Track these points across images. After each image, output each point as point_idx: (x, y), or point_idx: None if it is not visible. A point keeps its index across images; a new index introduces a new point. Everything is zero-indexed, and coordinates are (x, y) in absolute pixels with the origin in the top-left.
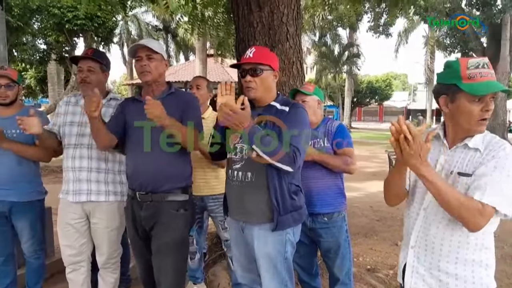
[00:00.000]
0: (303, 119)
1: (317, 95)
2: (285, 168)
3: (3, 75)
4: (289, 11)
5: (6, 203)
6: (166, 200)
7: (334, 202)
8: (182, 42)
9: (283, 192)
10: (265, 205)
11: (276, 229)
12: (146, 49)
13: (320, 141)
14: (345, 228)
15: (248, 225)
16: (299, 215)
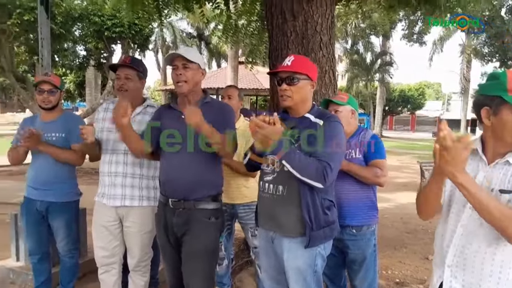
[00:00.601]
0: (338, 134)
1: (351, 105)
2: (315, 184)
3: (47, 81)
4: (323, 20)
5: (44, 203)
6: (197, 208)
7: (364, 215)
8: (214, 49)
9: (316, 207)
10: (296, 219)
11: (308, 245)
12: (182, 58)
13: (352, 152)
14: (374, 242)
15: (278, 237)
16: (331, 230)
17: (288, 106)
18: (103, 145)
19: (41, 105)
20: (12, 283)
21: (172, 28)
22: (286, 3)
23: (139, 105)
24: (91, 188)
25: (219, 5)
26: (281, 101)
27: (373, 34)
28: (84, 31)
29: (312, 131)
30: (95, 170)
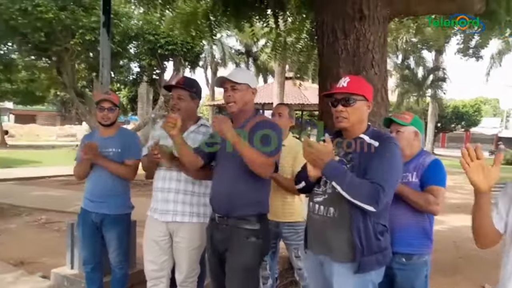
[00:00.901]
0: (394, 156)
1: (414, 126)
2: (367, 207)
3: (108, 100)
4: (375, 38)
5: (99, 215)
6: (238, 226)
7: (415, 243)
8: (262, 65)
9: (368, 232)
10: (347, 243)
11: (358, 271)
12: (230, 81)
13: (408, 176)
14: (425, 273)
15: (327, 261)
16: (384, 257)
17: (344, 128)
18: None
19: (100, 121)
20: None
21: (221, 45)
22: (337, 21)
23: (192, 124)
24: (140, 200)
25: (269, 23)
26: (337, 122)
27: (425, 49)
28: (139, 49)
29: (365, 153)
30: (144, 182)
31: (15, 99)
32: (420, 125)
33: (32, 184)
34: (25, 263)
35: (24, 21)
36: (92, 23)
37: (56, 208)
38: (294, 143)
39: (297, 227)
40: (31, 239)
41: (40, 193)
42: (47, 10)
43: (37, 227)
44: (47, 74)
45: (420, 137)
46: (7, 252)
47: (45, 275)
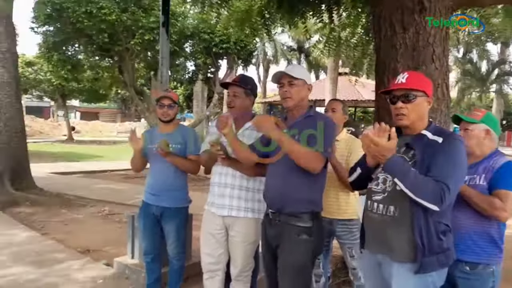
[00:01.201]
0: (458, 153)
1: (486, 124)
2: (430, 206)
3: (167, 97)
4: (436, 31)
5: (160, 208)
6: (290, 223)
7: (481, 252)
8: (314, 61)
9: (430, 231)
10: (407, 243)
11: (419, 271)
12: (288, 76)
13: (476, 178)
14: (492, 285)
15: (386, 261)
16: (446, 258)
17: (404, 126)
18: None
19: (160, 118)
20: (127, 278)
21: (274, 42)
22: (395, 14)
23: (247, 121)
24: (195, 195)
25: (322, 18)
26: (396, 120)
27: (490, 41)
28: (194, 48)
29: (428, 149)
30: (199, 177)
31: (81, 97)
32: (494, 123)
33: (95, 177)
34: (91, 251)
35: (89, 23)
36: (150, 23)
37: (117, 201)
38: (348, 139)
39: (351, 225)
40: (95, 229)
41: (102, 186)
42: (110, 12)
43: (101, 218)
44: (109, 73)
45: (494, 136)
46: (74, 240)
47: (108, 263)
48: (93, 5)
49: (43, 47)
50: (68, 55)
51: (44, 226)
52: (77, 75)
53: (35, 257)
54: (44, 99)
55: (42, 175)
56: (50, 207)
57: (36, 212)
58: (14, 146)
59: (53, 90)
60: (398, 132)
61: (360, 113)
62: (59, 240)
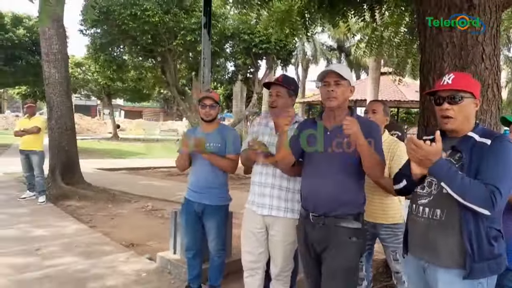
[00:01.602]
0: (509, 156)
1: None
2: (480, 210)
3: (209, 97)
4: (486, 29)
5: (201, 205)
6: (338, 225)
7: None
8: (354, 60)
9: (480, 236)
10: (455, 248)
11: (468, 277)
12: (335, 74)
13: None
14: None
15: (432, 266)
16: (497, 264)
17: (451, 128)
18: None
19: (203, 117)
20: (169, 273)
21: (313, 42)
22: (442, 12)
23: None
24: (235, 193)
25: (364, 17)
26: (442, 123)
27: None
28: (234, 49)
29: (476, 151)
30: (238, 176)
31: (125, 96)
32: None
33: (139, 174)
34: (135, 245)
35: (134, 25)
36: (192, 24)
37: (160, 197)
38: (391, 141)
39: (396, 229)
40: (139, 224)
41: (146, 182)
42: (154, 14)
43: (144, 213)
44: (152, 73)
45: None
46: (120, 234)
47: (151, 258)
48: (138, 7)
49: (91, 49)
50: (113, 56)
51: (92, 220)
52: (122, 75)
53: (84, 248)
54: (91, 98)
55: (89, 170)
56: (97, 201)
57: (84, 206)
58: (65, 142)
59: (100, 89)
60: (442, 134)
61: (403, 114)
62: (105, 233)
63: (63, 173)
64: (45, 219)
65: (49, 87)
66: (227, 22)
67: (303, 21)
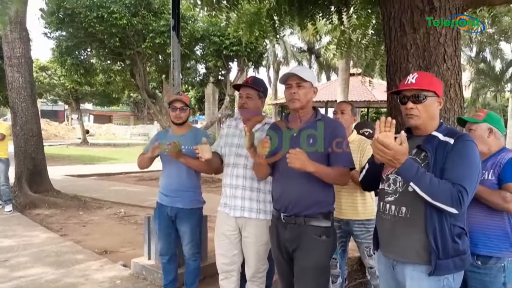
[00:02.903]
0: (472, 154)
1: (488, 123)
2: (449, 209)
3: (179, 100)
4: (447, 31)
5: (174, 208)
6: (308, 224)
7: (492, 245)
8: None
9: (444, 233)
10: (421, 245)
11: (433, 273)
12: (297, 77)
13: (484, 174)
14: (503, 280)
15: (399, 263)
16: (462, 261)
17: (414, 126)
18: (226, 159)
19: (173, 120)
20: (144, 279)
21: (284, 44)
22: (405, 15)
23: (258, 123)
24: (210, 196)
25: (332, 20)
26: (407, 120)
27: (503, 40)
28: (205, 51)
29: (441, 151)
30: (212, 179)
31: (94, 100)
32: (497, 121)
33: (110, 179)
34: (108, 252)
35: (101, 27)
36: (161, 27)
37: (133, 202)
38: (359, 140)
39: (369, 225)
40: (112, 230)
41: (118, 188)
42: (121, 16)
43: (117, 220)
44: (121, 77)
45: (498, 133)
46: (92, 241)
47: (125, 264)
48: (104, 9)
49: (56, 52)
50: (80, 59)
51: (62, 228)
52: (90, 79)
53: (55, 257)
54: (58, 103)
55: (58, 177)
56: (67, 209)
57: (54, 214)
58: (31, 149)
59: (67, 94)
60: (408, 133)
61: (373, 114)
62: (77, 241)
63: (30, 180)
64: (12, 229)
65: (13, 92)
66: (197, 24)
67: (272, 24)
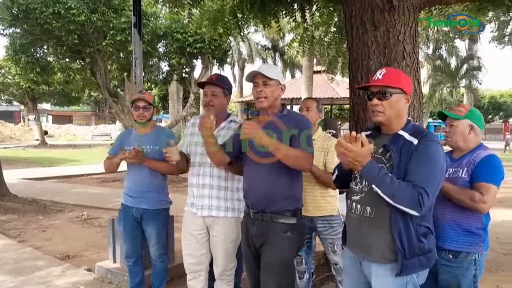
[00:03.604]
0: (435, 155)
1: (470, 119)
2: (409, 211)
3: (142, 99)
4: (406, 29)
5: (139, 210)
6: (275, 221)
7: (462, 241)
8: (289, 60)
9: (410, 233)
10: (385, 245)
11: (400, 273)
12: (262, 75)
13: (459, 171)
14: (473, 272)
15: (365, 260)
16: (427, 259)
17: (380, 122)
18: (191, 158)
19: (136, 120)
20: (109, 282)
21: (248, 41)
22: (366, 13)
23: (223, 121)
24: (176, 196)
25: (295, 17)
26: (372, 116)
27: (458, 38)
28: (167, 48)
29: (405, 151)
30: (179, 178)
31: (52, 100)
32: (478, 118)
33: (72, 181)
34: (71, 257)
35: (58, 24)
36: (122, 24)
37: (96, 205)
38: (324, 137)
39: (332, 221)
40: (75, 234)
41: (80, 190)
42: (79, 12)
43: (80, 223)
44: (81, 76)
45: (478, 130)
46: (53, 246)
47: (89, 268)
48: (61, 5)
49: (10, 50)
50: (36, 57)
51: (21, 234)
52: (47, 78)
53: (13, 265)
54: (13, 103)
55: (15, 181)
56: (25, 213)
57: (11, 220)
58: None
59: (22, 93)
60: (377, 131)
61: (337, 110)
62: (37, 247)
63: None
64: None
65: None
66: (159, 21)
67: (236, 21)
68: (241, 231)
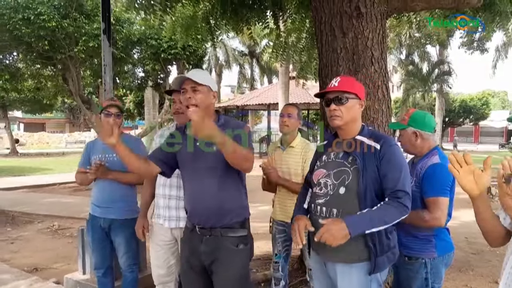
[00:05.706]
0: (401, 159)
1: (412, 127)
2: (403, 218)
3: (114, 105)
4: (374, 35)
5: (107, 220)
6: (224, 235)
7: (413, 246)
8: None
9: (380, 232)
10: (355, 245)
11: (374, 271)
12: (191, 81)
13: (412, 179)
14: (424, 276)
15: (331, 262)
16: (393, 254)
17: (338, 126)
18: None
19: None
20: None
21: (225, 47)
22: (335, 20)
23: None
24: None
25: (268, 24)
26: (331, 121)
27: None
28: (142, 54)
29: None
30: None
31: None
32: (421, 123)
33: (43, 191)
34: (39, 269)
35: (27, 30)
36: (94, 30)
37: (68, 215)
38: (302, 143)
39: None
40: (44, 245)
41: (51, 200)
42: (50, 18)
43: (50, 234)
44: (53, 82)
45: (425, 135)
46: (21, 259)
47: (58, 281)
48: (31, 11)
49: None
50: (5, 64)
51: None
52: (17, 85)
53: None
54: None
55: None
56: None
57: None
58: None
59: None
60: (335, 136)
61: (313, 116)
62: (3, 260)
63: None
64: None
65: None
66: (133, 27)
67: (209, 27)
68: (181, 249)
